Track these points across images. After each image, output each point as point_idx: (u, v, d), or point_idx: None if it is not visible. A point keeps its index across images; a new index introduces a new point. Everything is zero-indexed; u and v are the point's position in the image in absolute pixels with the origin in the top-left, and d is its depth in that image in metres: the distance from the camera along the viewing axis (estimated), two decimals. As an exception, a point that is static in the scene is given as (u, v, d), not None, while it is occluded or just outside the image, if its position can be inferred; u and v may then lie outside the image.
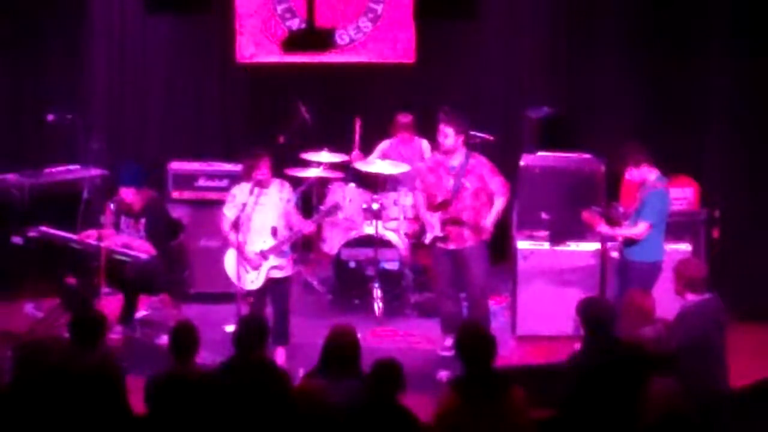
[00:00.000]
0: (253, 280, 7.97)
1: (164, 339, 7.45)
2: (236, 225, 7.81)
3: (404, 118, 9.72)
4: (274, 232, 7.98)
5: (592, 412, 5.80)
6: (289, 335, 8.14)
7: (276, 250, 7.95)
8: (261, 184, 7.94)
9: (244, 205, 7.85)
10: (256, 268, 7.94)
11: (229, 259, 7.99)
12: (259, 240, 7.94)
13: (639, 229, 7.62)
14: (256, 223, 7.93)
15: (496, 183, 8.08)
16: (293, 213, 8.17)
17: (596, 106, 10.16)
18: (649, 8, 9.82)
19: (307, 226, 8.18)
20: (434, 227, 8.08)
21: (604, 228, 7.83)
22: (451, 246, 8.10)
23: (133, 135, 10.78)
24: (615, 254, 8.22)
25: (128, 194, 8.27)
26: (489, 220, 8.03)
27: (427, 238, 8.17)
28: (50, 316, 8.53)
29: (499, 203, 8.07)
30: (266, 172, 7.93)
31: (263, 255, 7.93)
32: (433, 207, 8.13)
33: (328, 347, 5.82)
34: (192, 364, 5.88)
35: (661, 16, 9.74)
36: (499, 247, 8.97)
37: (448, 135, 7.99)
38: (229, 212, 7.94)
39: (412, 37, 10.66)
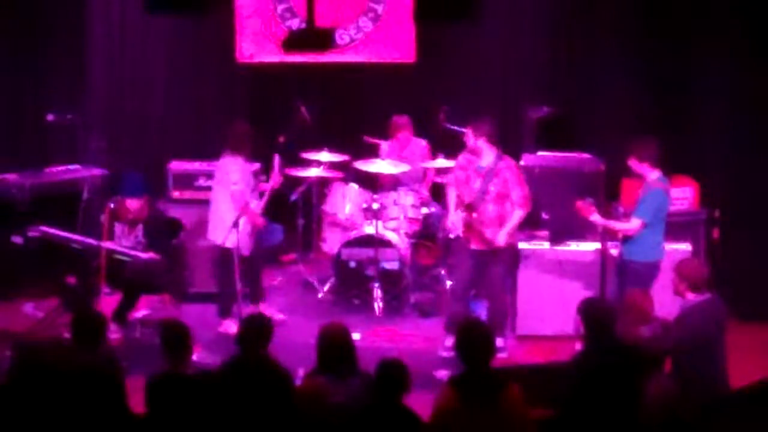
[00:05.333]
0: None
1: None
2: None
3: (400, 120, 9.70)
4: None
5: (593, 412, 5.80)
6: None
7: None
8: None
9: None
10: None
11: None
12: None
13: (632, 224, 7.61)
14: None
15: (518, 193, 7.98)
16: None
17: (596, 105, 10.17)
18: (649, 8, 9.83)
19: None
20: (457, 227, 8.10)
21: (596, 217, 7.77)
22: (473, 246, 8.09)
23: (133, 135, 10.78)
24: (614, 251, 8.20)
25: (135, 205, 8.29)
26: (502, 232, 7.94)
27: (454, 231, 8.24)
28: (50, 316, 8.53)
29: (516, 215, 7.99)
30: None
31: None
32: (461, 206, 8.13)
33: (323, 348, 5.80)
34: (187, 361, 5.86)
35: (661, 16, 9.75)
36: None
37: (468, 136, 8.02)
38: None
39: (412, 37, 10.66)
